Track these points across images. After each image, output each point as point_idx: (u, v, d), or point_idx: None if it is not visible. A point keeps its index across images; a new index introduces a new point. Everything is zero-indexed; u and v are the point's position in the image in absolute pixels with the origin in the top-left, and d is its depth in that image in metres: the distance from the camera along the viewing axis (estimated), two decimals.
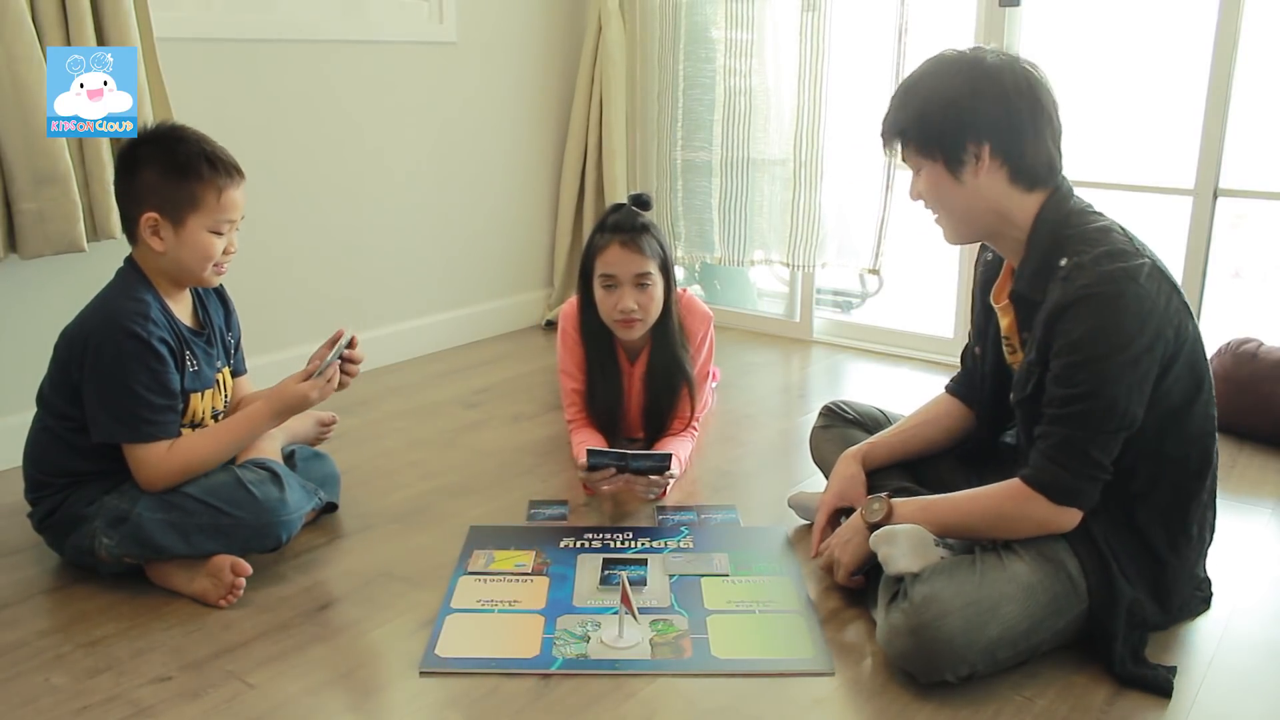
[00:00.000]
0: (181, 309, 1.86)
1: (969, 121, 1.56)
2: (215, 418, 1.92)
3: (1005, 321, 1.72)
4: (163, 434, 1.76)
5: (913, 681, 1.53)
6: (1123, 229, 1.59)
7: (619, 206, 2.36)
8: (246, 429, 1.84)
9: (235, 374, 2.01)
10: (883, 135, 1.67)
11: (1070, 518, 1.55)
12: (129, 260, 1.83)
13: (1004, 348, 1.76)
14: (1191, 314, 1.58)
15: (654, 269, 2.27)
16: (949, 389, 1.95)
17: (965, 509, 1.64)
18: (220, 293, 1.98)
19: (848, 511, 1.80)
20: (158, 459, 1.75)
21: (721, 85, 3.32)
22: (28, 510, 1.86)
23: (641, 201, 2.35)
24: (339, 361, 1.86)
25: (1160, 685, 1.52)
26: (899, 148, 1.65)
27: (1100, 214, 1.62)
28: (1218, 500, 1.68)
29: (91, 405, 1.74)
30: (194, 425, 1.86)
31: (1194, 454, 1.58)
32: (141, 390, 1.73)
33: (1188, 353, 1.55)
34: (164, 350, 1.75)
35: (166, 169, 1.74)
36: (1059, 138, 1.62)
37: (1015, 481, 1.57)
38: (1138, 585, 1.58)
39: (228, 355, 1.97)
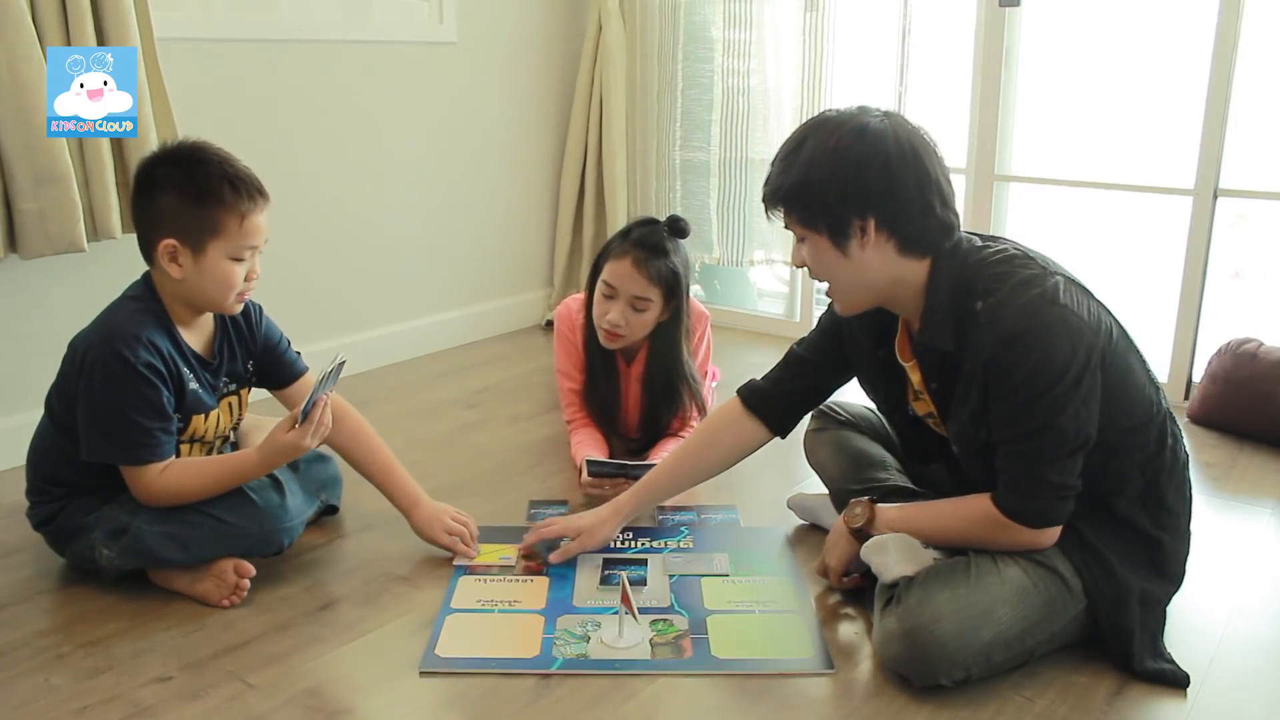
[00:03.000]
0: (196, 335, 1.79)
1: (852, 195, 1.49)
2: (227, 438, 1.90)
3: (915, 377, 1.67)
4: (153, 457, 1.70)
5: (912, 683, 1.53)
6: (1020, 249, 1.56)
7: (652, 223, 2.31)
8: (236, 473, 1.76)
9: (299, 373, 1.96)
10: (764, 201, 1.60)
11: (1049, 536, 1.55)
12: (146, 276, 1.77)
13: (910, 396, 1.72)
14: (1108, 309, 1.56)
15: (654, 296, 2.24)
16: (748, 403, 1.88)
17: (945, 524, 1.62)
18: (245, 308, 1.89)
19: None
20: (149, 481, 1.71)
21: (720, 85, 3.32)
22: (26, 508, 1.85)
23: (678, 228, 2.29)
24: (327, 396, 1.75)
25: (1178, 678, 1.53)
26: (782, 215, 1.58)
27: (992, 241, 1.59)
28: (1220, 500, 1.67)
29: (83, 422, 1.70)
30: (194, 441, 1.81)
31: (1152, 436, 1.57)
32: (131, 413, 1.67)
33: (1119, 350, 1.53)
34: (152, 377, 1.67)
35: (186, 192, 1.66)
36: (950, 200, 1.54)
37: (990, 505, 1.55)
38: (1141, 572, 1.57)
39: (242, 380, 1.90)
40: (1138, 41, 3.02)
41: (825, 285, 1.63)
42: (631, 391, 2.38)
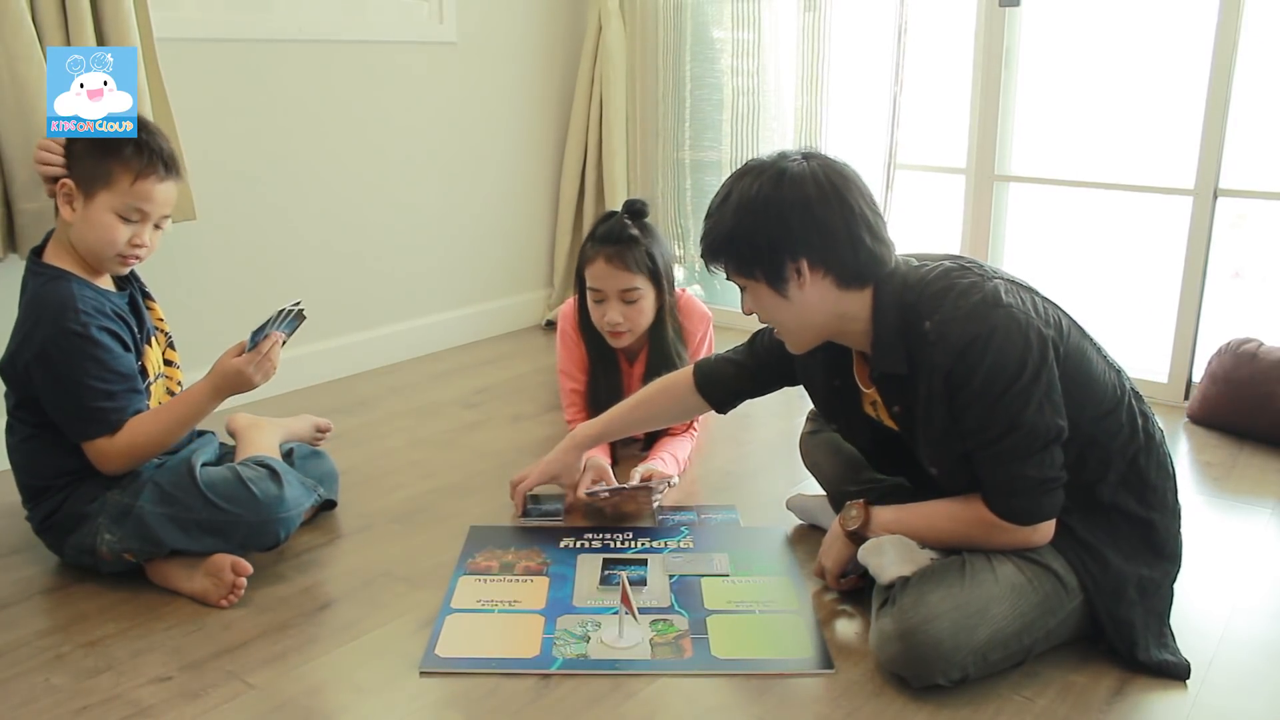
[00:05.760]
0: (102, 280, 1.82)
1: (781, 240, 1.52)
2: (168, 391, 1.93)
3: (879, 402, 1.68)
4: (124, 419, 1.75)
5: (910, 683, 1.53)
6: (957, 262, 1.57)
7: (610, 215, 2.34)
8: (188, 408, 1.80)
9: None
10: (701, 257, 1.64)
11: (1043, 534, 1.55)
12: (36, 260, 1.78)
13: (871, 414, 1.73)
14: (1055, 304, 1.58)
15: (640, 283, 2.25)
16: (698, 384, 1.95)
17: (939, 525, 1.62)
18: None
19: None
20: (103, 444, 1.74)
21: (729, 85, 3.33)
22: (26, 514, 1.85)
23: (635, 210, 2.31)
24: (281, 334, 1.79)
25: (1179, 670, 1.55)
26: (722, 267, 1.62)
27: (928, 260, 1.60)
28: (1220, 500, 1.67)
29: (57, 414, 1.74)
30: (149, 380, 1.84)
31: (1123, 419, 1.57)
32: (96, 384, 1.71)
33: (1070, 340, 1.54)
34: (104, 337, 1.72)
35: (93, 141, 1.71)
36: (880, 229, 1.56)
37: (982, 506, 1.56)
38: (1137, 558, 1.57)
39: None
40: (1138, 41, 3.02)
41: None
42: (634, 391, 2.38)
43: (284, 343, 1.82)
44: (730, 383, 1.95)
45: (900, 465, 1.78)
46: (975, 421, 1.50)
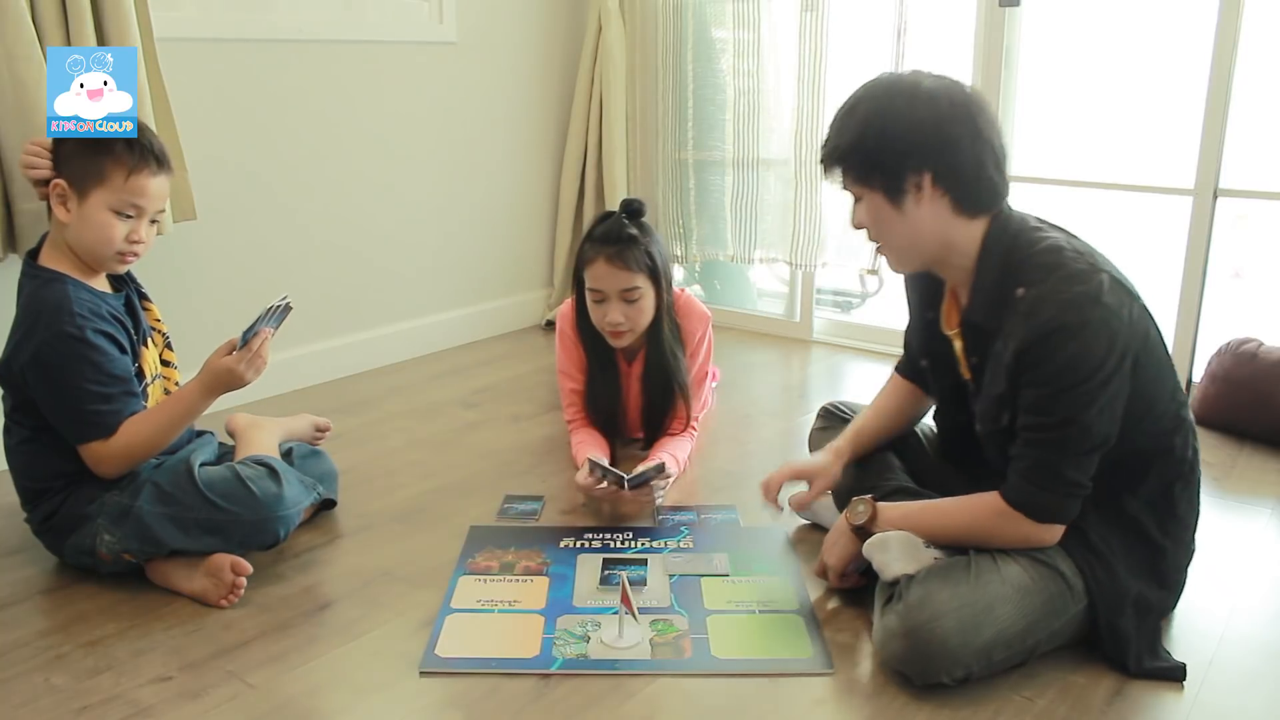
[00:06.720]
0: (98, 282, 1.83)
1: (907, 150, 1.52)
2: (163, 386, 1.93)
3: (959, 346, 1.69)
4: (120, 421, 1.75)
5: (912, 681, 1.53)
6: (1071, 243, 1.56)
7: (608, 215, 2.33)
8: (181, 408, 1.80)
9: None
10: (822, 161, 1.62)
11: (1053, 534, 1.56)
12: (31, 263, 1.78)
13: (956, 365, 1.73)
14: (1151, 316, 1.57)
15: (641, 282, 2.25)
16: (901, 371, 1.94)
17: (948, 520, 1.63)
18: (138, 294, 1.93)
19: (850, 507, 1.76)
20: (97, 447, 1.75)
21: (731, 86, 3.33)
22: (25, 516, 1.85)
23: (633, 209, 2.30)
24: (270, 329, 1.79)
25: (1175, 672, 1.55)
26: (839, 175, 1.60)
27: (1045, 226, 1.59)
28: (1220, 500, 1.67)
29: (53, 417, 1.74)
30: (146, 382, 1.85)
31: (1175, 443, 1.58)
32: (92, 387, 1.71)
33: (1153, 355, 1.54)
34: (100, 340, 1.72)
35: (85, 142, 1.72)
36: (1002, 162, 1.56)
37: (996, 497, 1.56)
38: (1140, 577, 1.58)
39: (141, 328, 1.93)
40: (1138, 41, 3.03)
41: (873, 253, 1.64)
42: (633, 391, 2.38)
43: (271, 336, 1.81)
44: (912, 365, 1.89)
45: (959, 425, 1.75)
46: (1035, 403, 1.50)
